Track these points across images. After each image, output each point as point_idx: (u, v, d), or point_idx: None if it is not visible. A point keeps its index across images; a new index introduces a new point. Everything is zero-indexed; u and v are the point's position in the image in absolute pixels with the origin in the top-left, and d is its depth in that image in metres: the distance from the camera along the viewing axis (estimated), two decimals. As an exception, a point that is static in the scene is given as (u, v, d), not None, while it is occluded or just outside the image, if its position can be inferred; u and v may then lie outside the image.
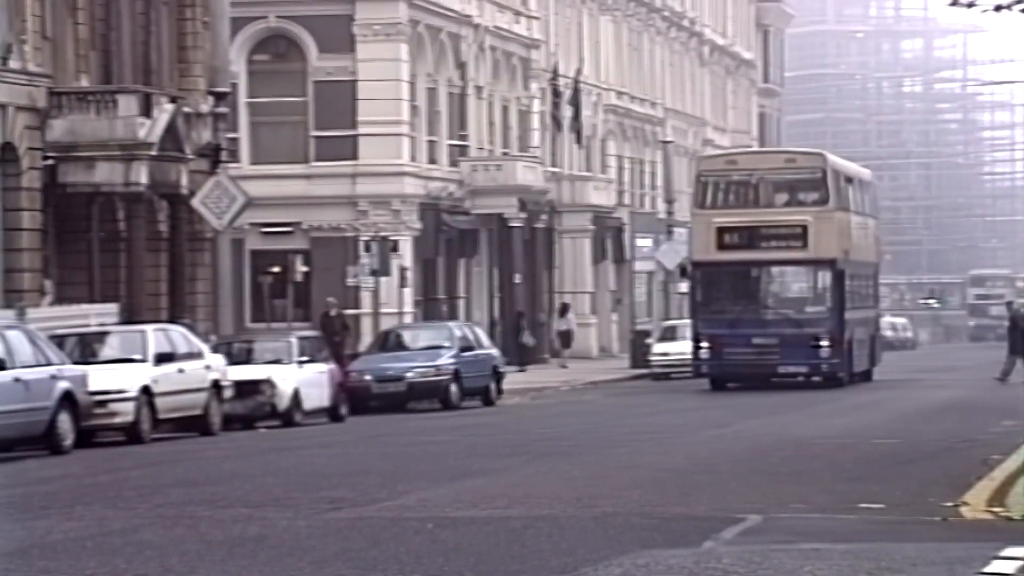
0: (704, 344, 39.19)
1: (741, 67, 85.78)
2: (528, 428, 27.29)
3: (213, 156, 37.74)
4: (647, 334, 54.88)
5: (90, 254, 35.25)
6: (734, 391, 38.70)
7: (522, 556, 11.62)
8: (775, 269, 39.88)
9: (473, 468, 18.79)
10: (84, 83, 35.32)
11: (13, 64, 32.98)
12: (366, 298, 43.97)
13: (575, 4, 64.08)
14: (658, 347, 47.75)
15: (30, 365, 23.16)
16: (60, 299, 32.88)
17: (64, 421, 23.40)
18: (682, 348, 43.27)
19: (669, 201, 62.85)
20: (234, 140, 44.17)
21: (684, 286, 48.23)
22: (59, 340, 25.68)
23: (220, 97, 38.18)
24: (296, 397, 29.96)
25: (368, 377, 34.04)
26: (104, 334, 27.77)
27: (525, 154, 57.09)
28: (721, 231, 39.30)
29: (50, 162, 33.98)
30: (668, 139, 68.11)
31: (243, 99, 47.76)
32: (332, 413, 31.30)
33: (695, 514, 14.00)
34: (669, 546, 11.84)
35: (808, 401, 33.57)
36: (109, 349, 26.82)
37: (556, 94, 59.40)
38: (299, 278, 43.57)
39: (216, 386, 27.75)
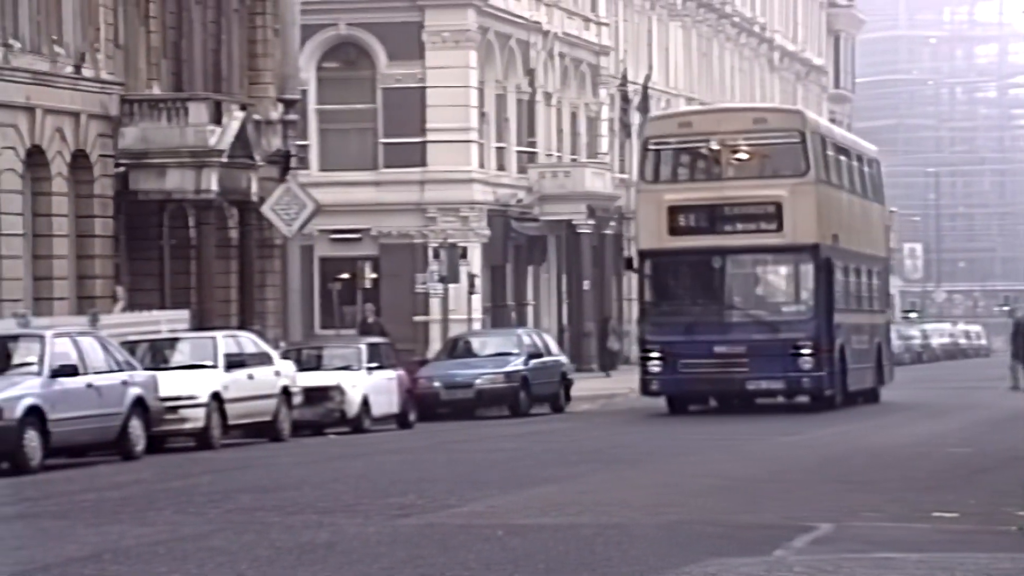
0: (654, 355, 31.68)
1: (812, 73, 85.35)
2: (597, 435, 27.21)
3: (283, 163, 37.96)
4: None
5: (161, 261, 35.49)
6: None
7: (592, 564, 11.59)
8: (742, 258, 31.68)
9: (542, 475, 18.75)
10: (155, 91, 35.56)
11: (86, 72, 33.24)
12: (435, 305, 44.04)
13: (644, 10, 63.96)
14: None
15: (102, 371, 23.30)
16: (131, 306, 33.09)
17: (136, 427, 23.53)
18: None
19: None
20: (303, 147, 44.38)
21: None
22: (131, 346, 25.84)
23: (290, 104, 38.42)
24: (365, 403, 30.00)
25: (437, 384, 34.05)
26: (175, 340, 27.91)
27: (594, 160, 57.05)
28: (674, 211, 31.66)
29: (122, 169, 34.23)
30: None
31: (312, 106, 47.99)
32: (401, 420, 31.34)
33: (765, 522, 13.90)
34: (739, 554, 11.77)
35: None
36: (180, 355, 26.96)
37: (625, 100, 59.29)
38: (368, 285, 43.70)
39: (285, 392, 27.85)
